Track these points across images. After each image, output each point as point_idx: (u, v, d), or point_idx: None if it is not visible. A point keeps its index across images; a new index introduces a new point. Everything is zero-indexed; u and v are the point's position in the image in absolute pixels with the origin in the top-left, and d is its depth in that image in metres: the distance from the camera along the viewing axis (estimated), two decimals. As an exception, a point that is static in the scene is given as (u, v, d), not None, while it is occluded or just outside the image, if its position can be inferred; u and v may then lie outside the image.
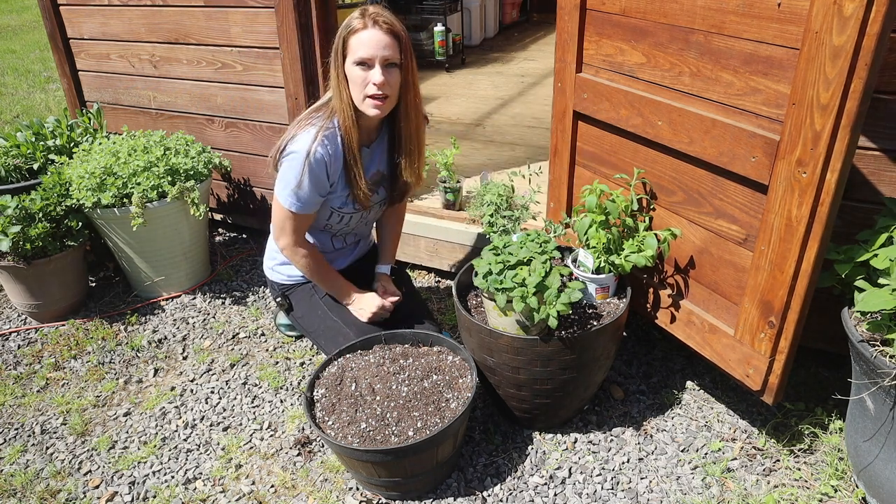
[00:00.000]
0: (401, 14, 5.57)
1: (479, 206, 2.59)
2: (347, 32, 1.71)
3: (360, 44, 1.69)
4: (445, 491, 1.75)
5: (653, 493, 1.72)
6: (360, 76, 1.71)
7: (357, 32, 1.69)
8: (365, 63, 1.70)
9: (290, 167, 1.78)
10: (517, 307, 1.58)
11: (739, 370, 1.70)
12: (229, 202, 3.10)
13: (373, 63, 1.70)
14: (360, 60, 1.70)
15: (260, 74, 2.68)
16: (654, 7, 1.66)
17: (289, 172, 1.79)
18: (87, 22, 2.99)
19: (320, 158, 1.77)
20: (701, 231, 1.74)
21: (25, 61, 6.75)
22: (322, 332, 2.04)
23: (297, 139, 1.78)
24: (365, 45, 1.69)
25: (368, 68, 1.71)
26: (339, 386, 1.77)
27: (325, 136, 1.78)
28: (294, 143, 1.78)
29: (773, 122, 1.46)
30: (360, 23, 1.69)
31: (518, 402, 1.83)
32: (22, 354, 2.40)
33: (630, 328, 2.34)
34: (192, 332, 2.47)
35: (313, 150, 1.76)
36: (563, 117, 2.03)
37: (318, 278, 2.00)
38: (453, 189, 2.70)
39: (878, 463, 1.52)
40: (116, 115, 3.16)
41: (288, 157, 1.79)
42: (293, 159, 1.77)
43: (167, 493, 1.79)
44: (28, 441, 2.00)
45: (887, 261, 1.45)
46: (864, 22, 1.23)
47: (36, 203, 2.34)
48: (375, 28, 1.69)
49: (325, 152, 1.78)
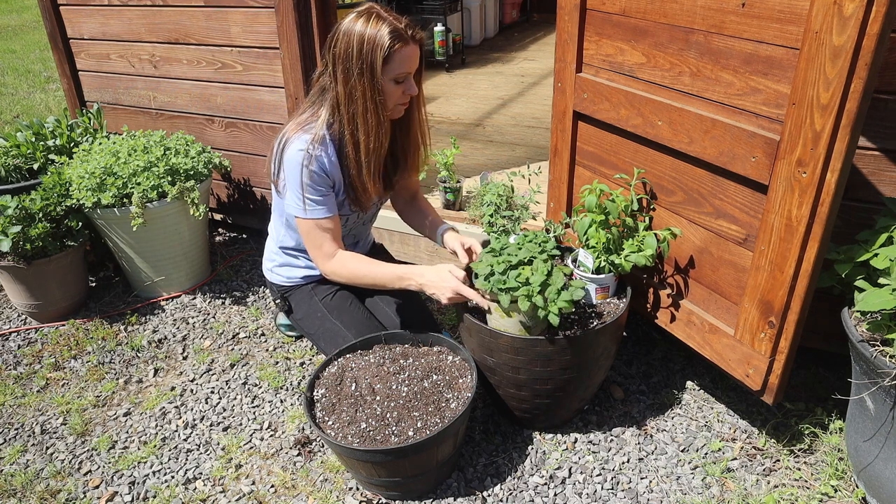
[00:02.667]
0: (401, 14, 5.59)
1: (478, 206, 2.59)
2: (390, 52, 1.64)
3: (403, 61, 1.67)
4: (445, 491, 1.75)
5: (653, 493, 1.72)
6: (396, 89, 1.71)
7: (401, 51, 1.65)
8: (404, 79, 1.71)
9: (293, 172, 1.76)
10: (522, 307, 1.58)
11: (739, 370, 1.70)
12: (229, 202, 3.10)
13: (409, 77, 1.72)
14: (401, 78, 1.69)
15: (260, 74, 2.68)
16: (654, 7, 1.66)
17: (293, 179, 1.76)
18: (87, 22, 2.99)
19: (318, 156, 1.76)
20: (701, 231, 1.74)
21: (25, 61, 6.75)
22: (322, 335, 2.03)
23: (290, 144, 1.76)
24: (408, 63, 1.68)
25: (404, 82, 1.71)
26: (339, 386, 1.77)
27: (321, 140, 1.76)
28: (289, 146, 1.76)
29: (773, 122, 1.46)
30: (399, 42, 1.64)
31: (518, 402, 1.83)
32: (22, 354, 2.40)
33: (630, 328, 2.34)
34: (192, 332, 2.48)
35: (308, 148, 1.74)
36: (563, 117, 2.03)
37: (380, 274, 1.81)
38: (453, 189, 2.71)
39: (878, 463, 1.52)
40: (116, 115, 3.16)
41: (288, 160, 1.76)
42: (293, 163, 1.75)
43: (167, 493, 1.79)
44: (28, 441, 2.00)
45: (887, 261, 1.45)
46: (864, 22, 1.23)
47: (36, 203, 2.34)
48: (413, 44, 1.68)
49: (322, 154, 1.76)
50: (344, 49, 1.65)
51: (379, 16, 1.65)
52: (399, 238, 2.70)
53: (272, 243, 2.14)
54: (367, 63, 1.64)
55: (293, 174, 1.75)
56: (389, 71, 1.67)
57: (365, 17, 1.65)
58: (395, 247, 2.71)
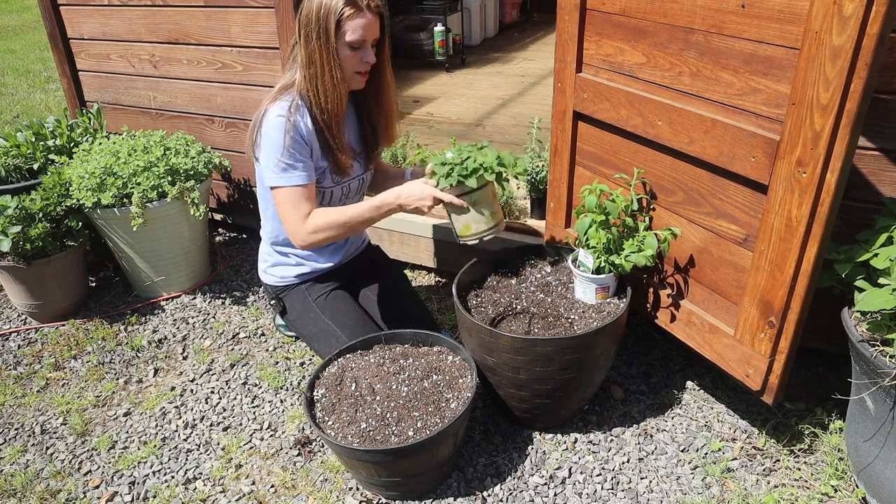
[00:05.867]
0: (401, 14, 5.59)
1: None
2: (341, 17, 1.74)
3: (355, 28, 1.76)
4: (445, 491, 1.75)
5: (653, 493, 1.72)
6: (353, 56, 1.80)
7: (352, 18, 1.75)
8: (360, 46, 1.79)
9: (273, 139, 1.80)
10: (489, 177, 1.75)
11: (739, 370, 1.70)
12: (229, 202, 3.10)
13: (366, 45, 1.81)
14: (356, 44, 1.78)
15: (260, 74, 2.68)
16: (654, 7, 1.66)
17: (274, 146, 1.80)
18: (87, 22, 2.99)
19: (297, 122, 1.82)
20: (701, 231, 1.74)
21: (25, 61, 6.75)
22: (315, 335, 2.03)
23: (268, 112, 1.82)
24: (361, 30, 1.77)
25: (361, 49, 1.80)
26: (339, 386, 1.77)
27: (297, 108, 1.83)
28: (267, 115, 1.82)
29: (773, 122, 1.46)
30: (352, 9, 1.75)
31: (518, 402, 1.83)
32: (22, 354, 2.40)
33: (630, 328, 2.34)
34: (192, 332, 2.48)
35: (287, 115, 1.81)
36: (563, 117, 2.03)
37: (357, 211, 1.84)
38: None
39: (878, 463, 1.52)
40: (116, 115, 3.16)
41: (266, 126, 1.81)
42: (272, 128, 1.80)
43: (167, 493, 1.79)
44: (28, 441, 2.01)
45: (887, 261, 1.45)
46: (864, 22, 1.23)
47: (36, 203, 2.34)
48: (368, 13, 1.78)
49: (300, 120, 1.83)
50: (305, 14, 1.77)
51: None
52: (399, 238, 2.70)
53: (264, 244, 2.14)
54: (323, 27, 1.75)
55: (274, 141, 1.81)
56: (343, 35, 1.77)
57: None
58: (395, 247, 2.71)
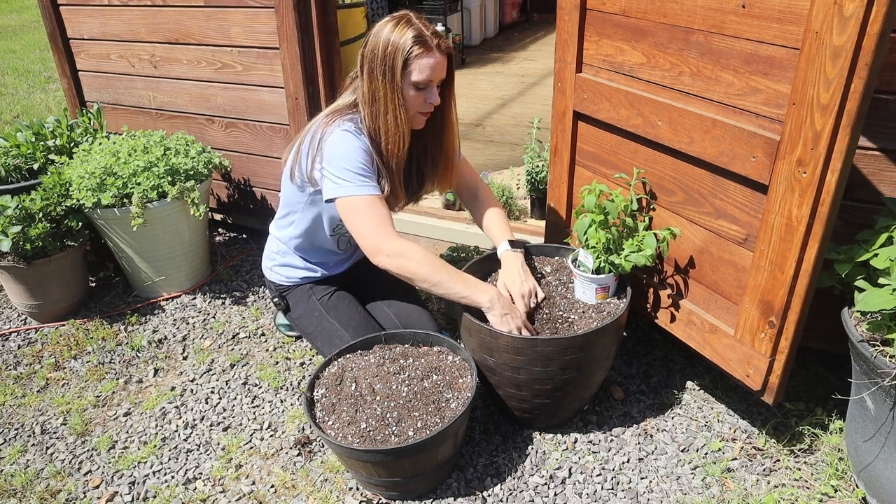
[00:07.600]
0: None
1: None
2: (409, 55, 1.67)
3: (423, 68, 1.69)
4: (445, 491, 1.75)
5: (653, 493, 1.72)
6: (417, 96, 1.74)
7: (420, 57, 1.68)
8: (425, 86, 1.73)
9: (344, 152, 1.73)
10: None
11: (739, 370, 1.70)
12: (229, 202, 3.10)
13: (431, 85, 1.74)
14: (422, 84, 1.71)
15: (260, 74, 2.68)
16: (654, 7, 1.66)
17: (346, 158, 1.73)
18: (87, 22, 2.99)
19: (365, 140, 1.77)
20: (701, 231, 1.74)
21: (25, 61, 6.75)
22: (318, 334, 2.03)
23: (332, 130, 1.76)
24: (429, 69, 1.70)
25: (426, 89, 1.74)
26: (339, 386, 1.77)
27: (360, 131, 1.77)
28: (332, 132, 1.75)
29: (773, 121, 1.46)
30: (421, 48, 1.67)
31: (518, 402, 1.83)
32: (22, 354, 2.40)
33: (630, 328, 2.34)
34: (192, 332, 2.47)
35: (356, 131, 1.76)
36: (563, 117, 2.03)
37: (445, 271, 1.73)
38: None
39: (878, 463, 1.52)
40: (116, 115, 3.16)
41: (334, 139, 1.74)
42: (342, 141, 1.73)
43: (167, 493, 1.79)
44: (28, 441, 2.00)
45: (887, 261, 1.45)
46: (864, 22, 1.23)
47: (36, 203, 2.34)
48: (438, 53, 1.71)
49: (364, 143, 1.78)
50: (371, 49, 1.71)
51: (409, 21, 1.70)
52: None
53: (274, 243, 2.14)
54: (389, 65, 1.68)
55: (345, 154, 1.73)
56: (409, 75, 1.70)
57: (395, 22, 1.70)
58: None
